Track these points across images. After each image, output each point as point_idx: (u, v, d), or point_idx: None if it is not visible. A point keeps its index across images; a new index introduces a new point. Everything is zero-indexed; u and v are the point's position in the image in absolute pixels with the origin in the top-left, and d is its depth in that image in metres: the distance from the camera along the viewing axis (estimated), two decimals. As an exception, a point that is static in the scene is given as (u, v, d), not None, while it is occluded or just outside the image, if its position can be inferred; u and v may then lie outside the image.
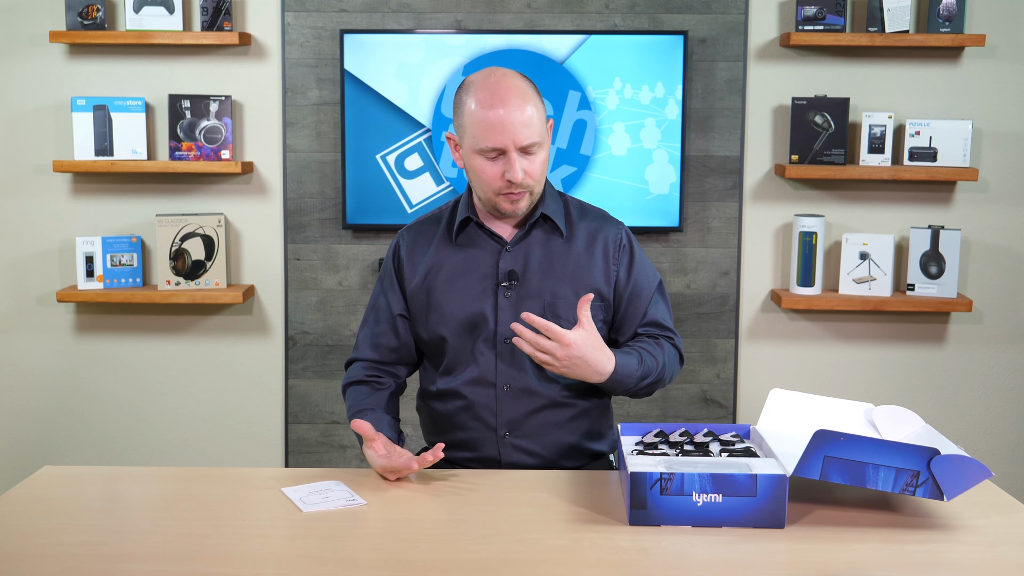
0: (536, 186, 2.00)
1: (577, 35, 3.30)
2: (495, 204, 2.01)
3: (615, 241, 2.11)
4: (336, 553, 1.59)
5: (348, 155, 3.35)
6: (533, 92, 1.98)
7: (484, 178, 1.98)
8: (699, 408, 3.49)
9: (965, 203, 3.42)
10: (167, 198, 3.43)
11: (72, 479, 1.96)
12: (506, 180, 1.96)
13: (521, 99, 1.94)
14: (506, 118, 1.92)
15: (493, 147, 1.94)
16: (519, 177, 1.94)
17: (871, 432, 1.91)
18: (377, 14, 3.35)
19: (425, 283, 2.09)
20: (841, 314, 3.46)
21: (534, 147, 1.96)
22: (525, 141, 1.94)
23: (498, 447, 2.07)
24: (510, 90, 1.95)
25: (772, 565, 1.55)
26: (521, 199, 1.99)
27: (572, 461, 2.10)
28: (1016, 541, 1.66)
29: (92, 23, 3.29)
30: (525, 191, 1.99)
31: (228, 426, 3.53)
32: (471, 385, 2.06)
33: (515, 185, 1.96)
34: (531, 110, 1.95)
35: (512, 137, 1.93)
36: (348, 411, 2.09)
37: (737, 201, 3.42)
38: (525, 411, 2.05)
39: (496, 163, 1.96)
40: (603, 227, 2.11)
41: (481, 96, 1.95)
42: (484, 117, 1.94)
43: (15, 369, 3.52)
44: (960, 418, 3.50)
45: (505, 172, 1.95)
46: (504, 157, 1.95)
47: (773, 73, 3.38)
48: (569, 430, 2.08)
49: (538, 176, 1.99)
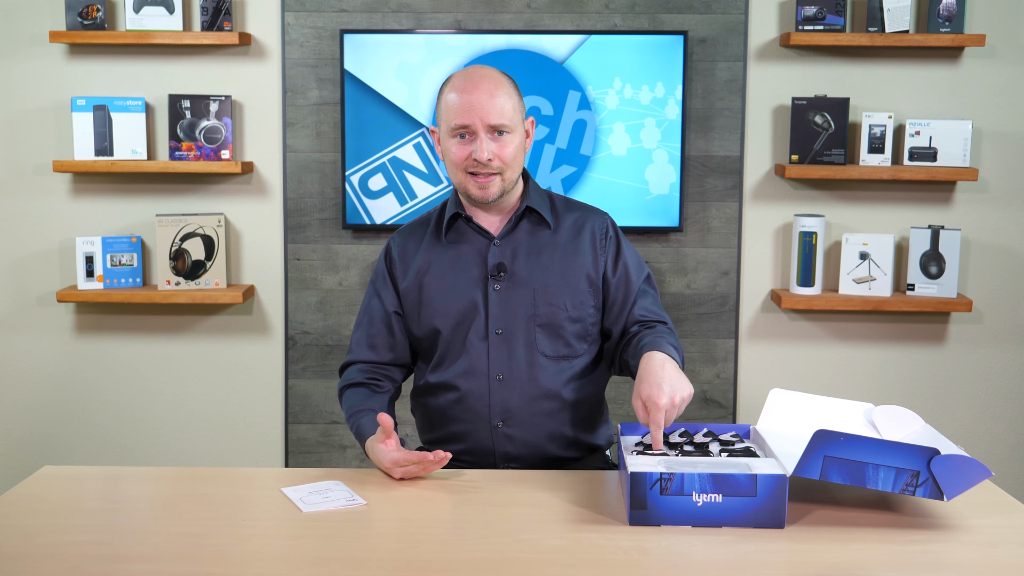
0: (507, 171, 2.04)
1: (577, 35, 3.30)
2: (466, 188, 2.06)
3: (601, 230, 2.14)
4: (336, 553, 1.59)
5: (348, 155, 3.35)
6: (508, 84, 2.05)
7: (454, 159, 2.04)
8: (699, 408, 3.49)
9: (965, 203, 3.42)
10: (167, 198, 3.43)
11: (72, 479, 1.96)
12: (473, 159, 2.01)
13: (493, 85, 2.01)
14: (475, 99, 1.99)
15: (461, 124, 2.00)
16: (484, 156, 1.99)
17: (871, 432, 1.91)
18: (377, 14, 3.35)
19: (417, 280, 2.12)
20: (841, 314, 3.46)
21: (504, 130, 2.01)
22: (493, 120, 1.99)
23: (492, 437, 2.08)
24: (484, 78, 2.02)
25: (772, 565, 1.55)
26: (490, 183, 2.03)
27: (566, 452, 2.12)
28: (1016, 541, 1.66)
29: (92, 23, 3.29)
30: (494, 174, 2.03)
31: (228, 426, 3.53)
32: (464, 377, 2.08)
33: (481, 165, 2.01)
34: (503, 97, 2.01)
35: (480, 115, 1.99)
36: (347, 412, 2.10)
37: (737, 201, 3.42)
38: (518, 401, 2.07)
39: (465, 144, 2.02)
40: (588, 217, 2.16)
41: (456, 83, 2.04)
42: (456, 99, 2.01)
43: (15, 369, 3.52)
44: (960, 418, 3.50)
45: (473, 152, 2.00)
46: (473, 138, 2.01)
47: (773, 73, 3.38)
48: (562, 420, 2.10)
49: (508, 160, 2.03)
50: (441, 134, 2.07)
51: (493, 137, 2.01)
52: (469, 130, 2.00)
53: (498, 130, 2.00)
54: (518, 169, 2.07)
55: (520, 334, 2.07)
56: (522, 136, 2.06)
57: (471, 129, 2.00)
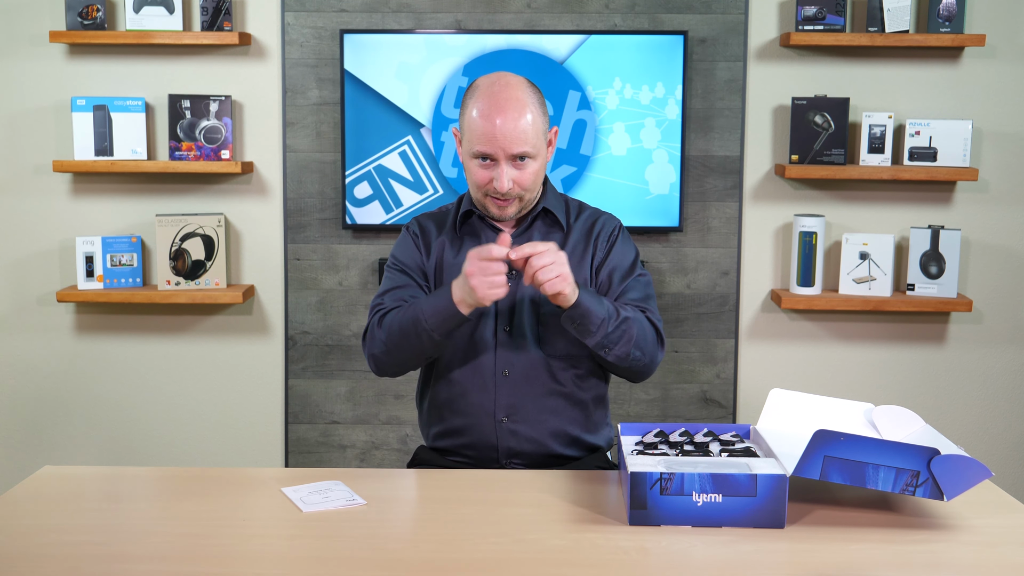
0: (526, 194, 2.07)
1: (577, 35, 3.30)
2: (484, 205, 2.10)
3: (609, 231, 2.17)
4: (336, 553, 1.59)
5: (348, 155, 3.35)
6: (534, 102, 2.04)
7: (475, 180, 2.06)
8: (699, 408, 3.49)
9: (965, 203, 3.42)
10: (167, 198, 3.43)
11: (72, 479, 1.96)
12: (493, 186, 2.03)
13: (518, 111, 2.01)
14: (500, 128, 1.99)
15: (483, 153, 2.02)
16: (505, 187, 2.02)
17: (871, 432, 1.91)
18: (377, 14, 3.35)
19: (435, 266, 2.15)
20: (841, 314, 3.46)
21: (526, 157, 2.02)
22: (515, 150, 2.01)
23: (496, 432, 2.09)
24: (509, 101, 2.01)
25: (772, 565, 1.55)
26: (509, 205, 2.07)
27: (568, 450, 2.13)
28: (1016, 541, 1.66)
29: (92, 23, 3.29)
30: (513, 199, 2.06)
31: (228, 426, 3.53)
32: (470, 371, 2.10)
33: (501, 193, 2.03)
34: (527, 121, 2.01)
35: (502, 146, 2.00)
36: (403, 315, 2.02)
37: (737, 201, 3.42)
38: (523, 397, 2.08)
39: (487, 168, 2.04)
40: (600, 220, 2.19)
41: (481, 104, 2.02)
42: (480, 124, 2.01)
43: (15, 369, 3.52)
44: (960, 418, 3.50)
45: (493, 179, 2.03)
46: (494, 164, 2.03)
47: (773, 73, 3.38)
48: (566, 418, 2.11)
49: (528, 185, 2.05)
50: (463, 150, 2.08)
51: (515, 164, 2.03)
52: (491, 157, 2.02)
53: (520, 156, 2.02)
54: (538, 186, 2.10)
55: (528, 331, 2.09)
56: (544, 155, 2.08)
57: (493, 157, 2.02)
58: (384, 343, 2.05)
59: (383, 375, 2.12)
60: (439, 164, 3.36)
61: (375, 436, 3.50)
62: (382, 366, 2.09)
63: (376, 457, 3.51)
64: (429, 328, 1.97)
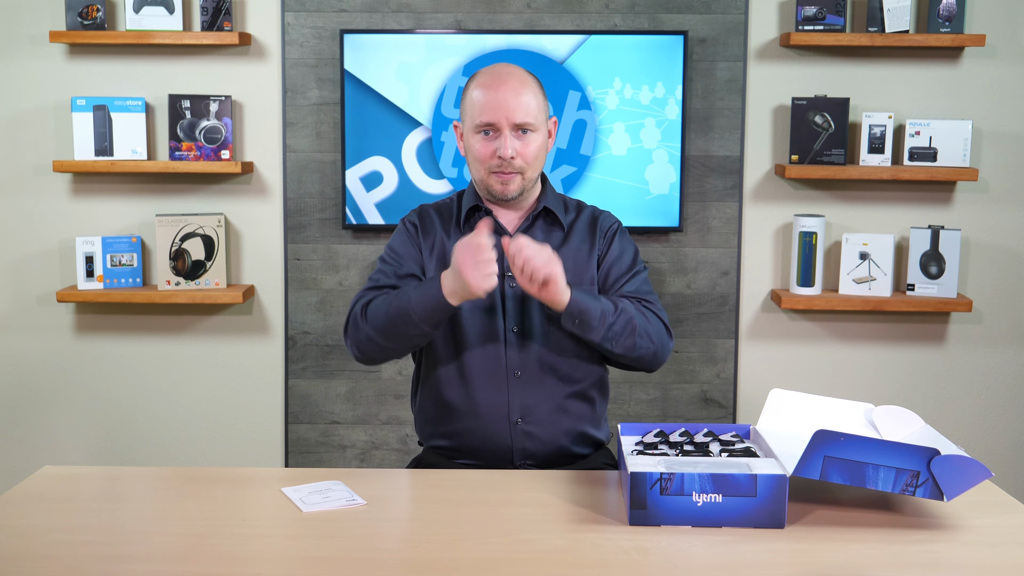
0: (528, 170, 2.07)
1: (577, 35, 3.30)
2: (487, 184, 2.09)
3: (609, 228, 2.18)
4: (336, 553, 1.59)
5: (348, 155, 3.35)
6: (534, 83, 2.09)
7: (478, 155, 2.06)
8: (699, 408, 3.49)
9: (965, 203, 3.42)
10: (167, 198, 3.44)
11: (72, 479, 1.96)
12: (497, 157, 2.04)
13: (519, 84, 2.05)
14: (502, 97, 2.03)
15: (487, 121, 2.04)
16: (508, 152, 2.03)
17: (871, 432, 1.91)
18: (377, 14, 3.35)
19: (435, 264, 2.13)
20: (841, 314, 3.46)
21: (528, 129, 2.04)
22: (518, 119, 2.03)
23: (510, 434, 2.08)
24: (510, 76, 2.06)
25: (772, 565, 1.55)
26: (512, 180, 2.07)
27: (579, 448, 2.13)
28: (1016, 541, 1.66)
29: (92, 23, 3.29)
30: (516, 172, 2.06)
31: (228, 426, 3.53)
32: (482, 374, 2.08)
33: (505, 163, 2.04)
34: (529, 96, 2.05)
35: (506, 113, 2.03)
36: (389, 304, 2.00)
37: (737, 201, 3.42)
38: (536, 398, 2.08)
39: (490, 140, 2.05)
40: (599, 218, 2.20)
41: (482, 80, 2.07)
42: (482, 96, 2.05)
43: (15, 369, 3.52)
44: (960, 418, 3.50)
45: (497, 149, 2.04)
46: (498, 135, 2.04)
47: (773, 73, 3.38)
48: (576, 416, 2.12)
49: (531, 159, 2.06)
50: (465, 130, 2.10)
51: (517, 135, 2.05)
52: (494, 127, 2.04)
53: (522, 128, 2.04)
54: (539, 168, 2.11)
55: (537, 332, 2.08)
56: (545, 136, 2.10)
57: (496, 126, 2.04)
58: (370, 333, 2.02)
59: (368, 364, 2.12)
60: (439, 164, 3.36)
61: (375, 436, 3.50)
62: (368, 354, 2.06)
63: (376, 457, 3.51)
64: (418, 319, 1.96)
